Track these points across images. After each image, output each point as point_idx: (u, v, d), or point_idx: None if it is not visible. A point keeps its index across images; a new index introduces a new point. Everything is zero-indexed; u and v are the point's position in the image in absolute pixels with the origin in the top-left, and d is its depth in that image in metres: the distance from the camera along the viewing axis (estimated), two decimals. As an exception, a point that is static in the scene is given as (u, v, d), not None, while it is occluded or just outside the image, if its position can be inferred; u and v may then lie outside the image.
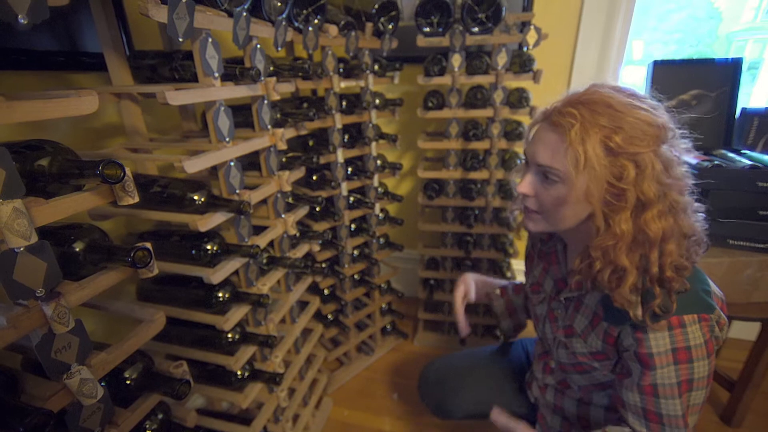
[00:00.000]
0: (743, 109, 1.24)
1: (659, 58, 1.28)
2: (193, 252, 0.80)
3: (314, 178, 1.25)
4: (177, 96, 0.66)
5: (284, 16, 0.90)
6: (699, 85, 1.25)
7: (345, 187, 1.27)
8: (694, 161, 1.07)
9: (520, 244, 1.30)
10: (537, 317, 0.85)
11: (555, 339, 0.77)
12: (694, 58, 1.28)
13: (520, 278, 1.07)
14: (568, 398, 0.82)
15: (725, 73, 1.22)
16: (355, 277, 1.45)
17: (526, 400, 0.94)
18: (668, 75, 1.27)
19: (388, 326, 1.62)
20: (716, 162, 1.07)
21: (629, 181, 0.55)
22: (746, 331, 1.53)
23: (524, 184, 0.65)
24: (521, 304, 1.00)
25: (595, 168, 0.56)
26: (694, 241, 0.60)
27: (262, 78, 0.85)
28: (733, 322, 1.49)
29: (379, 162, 1.33)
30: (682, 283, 0.58)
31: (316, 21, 1.04)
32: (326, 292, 1.42)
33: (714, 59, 1.24)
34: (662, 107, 0.59)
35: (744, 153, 1.15)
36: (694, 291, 0.60)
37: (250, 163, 0.99)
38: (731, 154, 1.13)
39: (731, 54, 1.51)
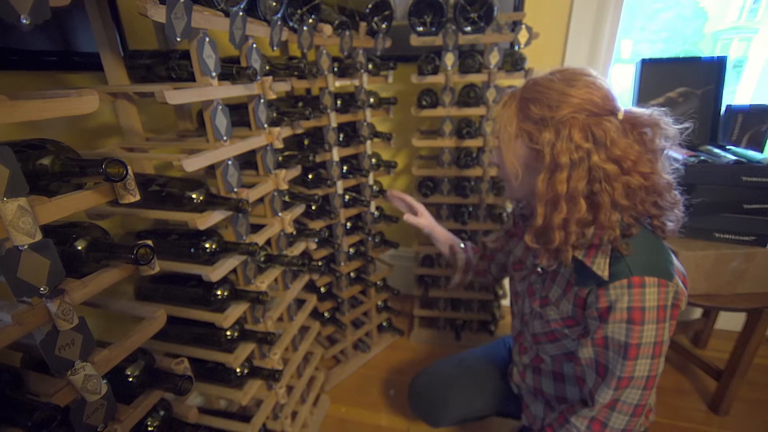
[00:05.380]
0: (728, 107, 1.28)
1: (647, 56, 1.31)
2: (192, 250, 0.80)
3: (310, 176, 1.26)
4: (176, 95, 0.67)
5: (279, 15, 0.91)
6: (686, 82, 1.28)
7: (340, 186, 1.28)
8: (681, 157, 1.10)
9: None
10: (517, 294, 0.89)
11: (532, 312, 0.82)
12: (681, 56, 1.31)
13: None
14: (545, 377, 0.85)
15: (711, 71, 1.26)
16: (351, 274, 1.46)
17: (512, 397, 0.97)
18: (656, 73, 1.30)
19: (384, 323, 1.64)
20: (702, 158, 1.10)
21: (545, 143, 0.63)
22: (732, 322, 1.57)
23: (493, 154, 0.78)
24: (475, 263, 1.08)
25: (508, 131, 0.68)
26: (636, 210, 0.64)
27: (259, 77, 0.86)
28: (720, 313, 1.53)
29: (374, 160, 1.34)
30: (619, 246, 0.63)
31: (310, 20, 1.05)
32: (323, 289, 1.43)
33: (700, 58, 1.27)
34: (604, 88, 0.63)
35: (729, 149, 1.18)
36: (659, 260, 0.64)
37: (247, 162, 0.99)
38: (717, 150, 1.16)
39: (717, 52, 1.54)
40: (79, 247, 0.54)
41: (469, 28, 1.19)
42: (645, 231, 0.66)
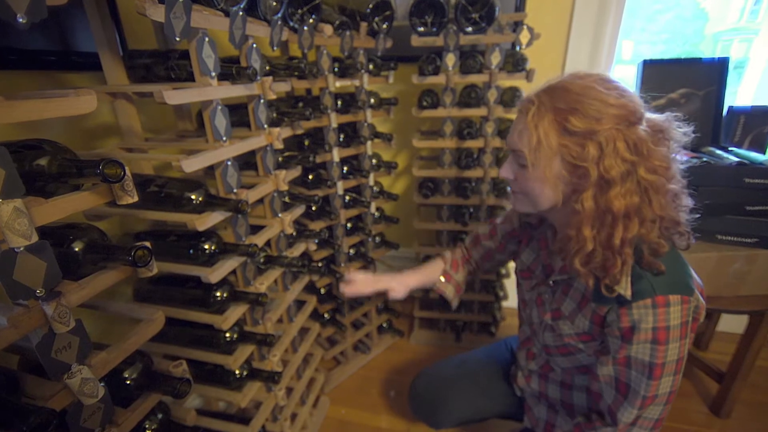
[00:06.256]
0: (730, 108, 1.27)
1: (648, 57, 1.31)
2: (191, 251, 0.80)
3: (310, 177, 1.26)
4: (175, 95, 0.66)
5: (280, 15, 0.90)
6: (687, 83, 1.27)
7: (341, 186, 1.27)
8: (683, 158, 1.10)
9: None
10: (526, 302, 0.87)
11: (542, 323, 0.79)
12: (683, 57, 1.30)
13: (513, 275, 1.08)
14: (552, 383, 0.84)
15: (712, 73, 1.25)
16: (351, 275, 1.45)
17: (514, 399, 0.96)
18: (657, 74, 1.29)
19: (384, 324, 1.63)
20: (704, 159, 1.09)
21: (590, 159, 0.57)
22: (734, 324, 1.57)
23: (504, 169, 0.71)
24: (462, 278, 1.02)
25: (548, 148, 0.60)
26: (669, 220, 0.61)
27: (259, 77, 0.86)
28: (722, 315, 1.52)
29: (374, 161, 1.34)
30: (657, 263, 0.60)
31: (311, 20, 1.04)
32: (323, 291, 1.42)
33: (701, 59, 1.26)
34: (633, 94, 0.61)
35: (731, 150, 1.17)
36: (680, 274, 0.62)
37: (246, 162, 0.99)
38: (719, 152, 1.16)
39: (717, 53, 1.54)
40: (76, 249, 0.54)
41: (470, 29, 1.18)
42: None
